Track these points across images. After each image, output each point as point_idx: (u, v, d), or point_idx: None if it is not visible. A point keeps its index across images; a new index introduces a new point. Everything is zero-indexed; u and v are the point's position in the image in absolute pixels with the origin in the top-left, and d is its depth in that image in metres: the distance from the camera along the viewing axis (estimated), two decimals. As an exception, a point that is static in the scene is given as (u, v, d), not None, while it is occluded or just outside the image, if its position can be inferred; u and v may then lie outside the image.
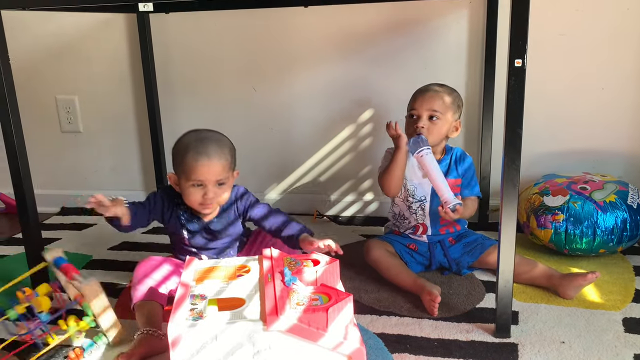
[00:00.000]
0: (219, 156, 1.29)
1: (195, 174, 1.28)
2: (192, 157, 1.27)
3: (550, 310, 1.33)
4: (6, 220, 2.18)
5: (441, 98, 1.47)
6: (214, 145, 1.29)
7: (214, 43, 1.99)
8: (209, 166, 1.27)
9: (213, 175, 1.28)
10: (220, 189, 1.31)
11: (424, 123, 1.46)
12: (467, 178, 1.53)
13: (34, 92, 2.11)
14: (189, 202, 1.33)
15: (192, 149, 1.28)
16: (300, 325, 0.91)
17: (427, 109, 1.47)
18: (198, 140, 1.30)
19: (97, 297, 1.21)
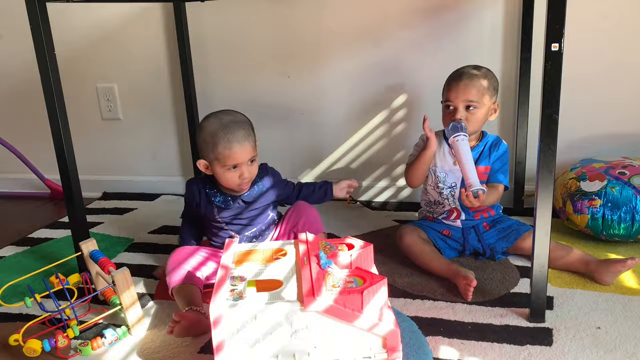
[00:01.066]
0: (247, 138, 1.36)
1: (230, 159, 1.34)
2: (224, 146, 1.34)
3: (586, 295, 1.32)
4: (52, 204, 2.27)
5: (476, 85, 1.44)
6: (240, 129, 1.36)
7: (249, 30, 2.01)
8: (242, 150, 1.35)
9: (246, 156, 1.36)
10: (252, 165, 1.39)
11: (462, 114, 1.45)
12: (496, 165, 1.51)
13: (75, 81, 2.18)
14: (226, 185, 1.40)
15: (221, 137, 1.34)
16: (336, 307, 0.94)
17: (463, 100, 1.44)
18: (223, 127, 1.35)
19: (127, 289, 1.25)
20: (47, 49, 1.34)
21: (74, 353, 1.19)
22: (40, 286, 1.46)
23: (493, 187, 1.49)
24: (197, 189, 1.46)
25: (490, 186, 1.49)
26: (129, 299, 1.25)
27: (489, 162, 1.51)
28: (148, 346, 1.21)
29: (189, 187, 1.48)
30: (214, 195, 1.44)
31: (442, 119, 1.51)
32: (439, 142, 1.54)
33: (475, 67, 1.50)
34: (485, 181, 1.50)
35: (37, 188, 2.36)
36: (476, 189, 1.35)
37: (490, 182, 1.51)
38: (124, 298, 1.24)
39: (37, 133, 2.25)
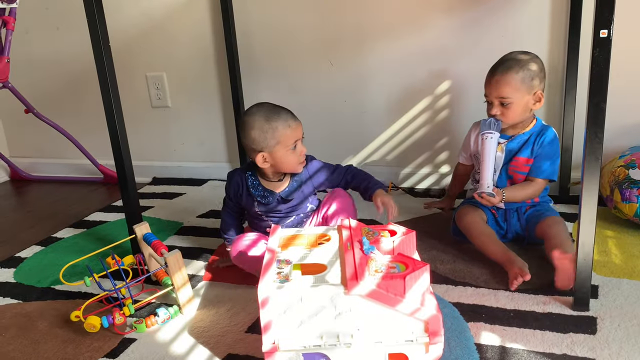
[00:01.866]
0: (294, 116, 1.41)
1: (293, 137, 1.38)
2: (284, 126, 1.37)
3: (633, 285, 1.30)
4: (105, 189, 2.37)
5: (509, 82, 1.41)
6: (286, 109, 1.40)
7: (293, 18, 2.04)
8: (298, 126, 1.39)
9: (301, 131, 1.41)
10: (302, 144, 1.43)
11: (497, 110, 1.44)
12: (540, 157, 1.47)
13: (126, 70, 2.26)
14: (289, 168, 1.42)
15: (278, 120, 1.37)
16: (378, 291, 0.96)
17: (496, 97, 1.43)
18: (275, 112, 1.38)
19: (179, 270, 1.31)
20: (102, 40, 1.40)
21: (129, 330, 1.27)
22: (98, 266, 1.54)
23: (530, 181, 1.47)
24: (240, 181, 1.48)
25: (528, 180, 1.48)
26: (180, 279, 1.31)
27: (532, 153, 1.47)
28: (198, 325, 1.27)
29: (231, 178, 1.50)
30: (256, 188, 1.46)
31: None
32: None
33: (513, 57, 1.45)
34: (526, 172, 1.48)
35: (91, 173, 2.48)
36: (482, 192, 1.41)
37: (530, 176, 1.48)
38: (175, 279, 1.30)
39: (91, 121, 2.36)
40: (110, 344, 1.22)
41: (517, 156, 1.48)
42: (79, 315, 1.28)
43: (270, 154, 1.38)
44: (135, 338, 1.24)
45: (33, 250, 1.76)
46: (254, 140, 1.37)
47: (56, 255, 1.71)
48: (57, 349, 1.22)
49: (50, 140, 2.48)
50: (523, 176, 1.49)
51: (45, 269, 1.61)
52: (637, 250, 1.46)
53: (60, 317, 1.35)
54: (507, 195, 1.44)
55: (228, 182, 1.51)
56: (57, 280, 1.52)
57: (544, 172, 1.46)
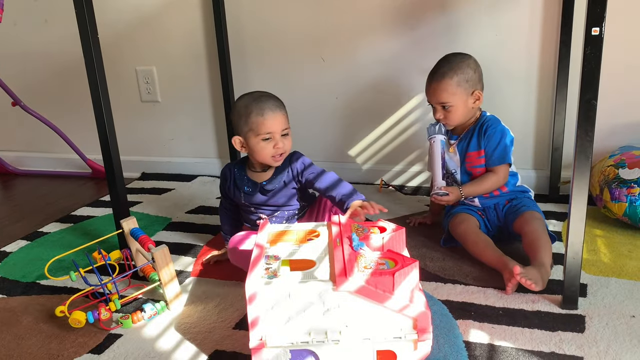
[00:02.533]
0: (279, 107, 1.39)
1: (264, 126, 1.36)
2: (257, 113, 1.36)
3: (621, 284, 1.30)
4: (93, 184, 2.35)
5: (445, 88, 1.45)
6: (272, 99, 1.39)
7: (284, 14, 2.02)
8: (274, 117, 1.37)
9: (279, 125, 1.38)
10: (286, 139, 1.40)
11: (440, 114, 1.49)
12: (489, 147, 1.49)
13: (116, 64, 2.24)
14: (260, 158, 1.41)
15: (254, 107, 1.37)
16: (367, 287, 0.95)
17: (436, 102, 1.49)
18: (256, 99, 1.38)
19: (166, 266, 1.29)
20: (91, 32, 1.37)
21: (115, 325, 1.25)
22: (84, 261, 1.52)
23: (489, 172, 1.50)
24: (227, 173, 1.50)
25: (487, 172, 1.51)
26: (167, 275, 1.30)
27: (479, 145, 1.50)
28: (185, 321, 1.26)
29: (222, 172, 1.53)
30: (241, 179, 1.47)
31: None
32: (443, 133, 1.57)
33: (447, 61, 1.48)
34: (483, 164, 1.51)
35: (79, 167, 2.45)
36: (435, 193, 1.47)
37: (488, 166, 1.50)
38: (162, 274, 1.28)
39: (80, 115, 2.33)
40: (95, 340, 1.21)
41: (469, 152, 1.52)
42: (64, 311, 1.27)
43: (245, 140, 1.40)
44: (121, 334, 1.23)
45: (19, 245, 1.74)
46: (232, 123, 1.43)
47: (42, 249, 1.69)
48: (41, 345, 1.21)
49: (38, 134, 2.45)
50: (482, 169, 1.51)
51: (30, 264, 1.59)
52: (626, 249, 1.47)
53: (45, 312, 1.33)
54: (465, 191, 1.49)
55: (220, 176, 1.53)
56: (43, 275, 1.50)
57: (496, 158, 1.49)
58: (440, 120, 1.50)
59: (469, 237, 1.45)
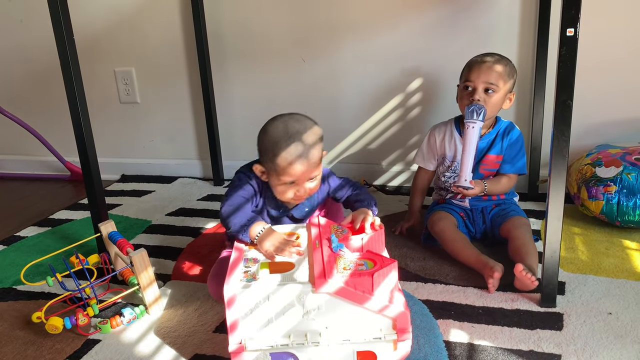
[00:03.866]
0: (312, 154, 1.20)
1: (287, 176, 1.21)
2: (283, 159, 1.19)
3: (598, 281, 1.32)
4: (71, 186, 2.32)
5: (498, 70, 1.45)
6: (307, 143, 1.20)
7: (264, 14, 2.02)
8: (303, 168, 1.20)
9: (306, 175, 1.22)
10: (312, 182, 1.25)
11: (480, 96, 1.44)
12: (512, 152, 1.50)
13: (94, 65, 2.21)
14: (278, 196, 1.28)
15: (283, 147, 1.19)
16: (346, 289, 0.95)
17: (483, 82, 1.44)
18: (289, 137, 1.19)
19: (145, 270, 1.28)
20: (66, 34, 1.36)
21: (93, 331, 1.23)
22: (62, 266, 1.50)
23: (504, 176, 1.50)
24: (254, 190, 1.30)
25: (501, 175, 1.50)
26: (146, 279, 1.28)
27: (501, 150, 1.51)
28: (165, 325, 1.25)
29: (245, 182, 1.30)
30: (270, 201, 1.32)
31: (459, 100, 1.51)
32: (449, 130, 1.56)
33: (496, 55, 1.49)
34: (497, 169, 1.51)
35: (57, 170, 2.41)
36: (460, 185, 1.40)
37: (504, 172, 1.51)
38: (141, 278, 1.27)
39: (58, 116, 2.30)
40: (73, 346, 1.19)
41: (488, 154, 1.51)
42: (40, 317, 1.24)
43: (267, 174, 1.26)
44: (99, 339, 1.21)
45: (-5, 250, 1.71)
46: (259, 149, 1.26)
47: (18, 254, 1.66)
48: (17, 352, 1.18)
49: (15, 136, 2.41)
50: (493, 173, 1.52)
51: (6, 269, 1.56)
52: (603, 247, 1.49)
53: (21, 319, 1.30)
54: (488, 187, 1.47)
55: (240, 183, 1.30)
56: (19, 281, 1.47)
57: (517, 167, 1.50)
58: (477, 102, 1.43)
59: (447, 235, 1.45)
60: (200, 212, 1.92)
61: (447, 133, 1.56)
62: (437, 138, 1.57)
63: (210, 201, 2.01)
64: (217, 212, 1.59)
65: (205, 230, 1.75)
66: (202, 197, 2.06)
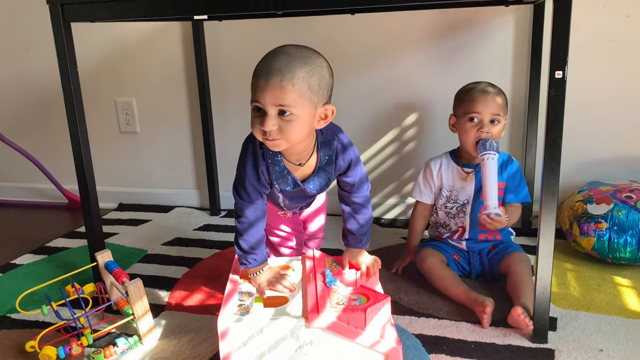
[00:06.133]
0: (283, 76, 1.01)
1: (252, 93, 1.05)
2: (255, 74, 1.05)
3: (590, 318, 1.33)
4: (69, 214, 2.33)
5: (499, 102, 1.48)
6: (285, 61, 1.03)
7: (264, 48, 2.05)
8: (267, 86, 1.01)
9: (269, 98, 1.01)
10: (284, 120, 1.03)
11: (489, 128, 1.46)
12: (514, 182, 1.52)
13: (95, 95, 2.25)
14: (254, 135, 1.10)
15: (260, 62, 1.06)
16: (339, 324, 0.97)
17: (490, 113, 1.46)
18: (273, 53, 1.06)
19: (140, 300, 1.29)
20: (70, 66, 1.39)
21: (87, 361, 1.24)
22: (57, 295, 1.50)
23: (513, 207, 1.52)
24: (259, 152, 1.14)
25: (511, 206, 1.52)
26: (141, 309, 1.29)
27: (502, 178, 1.52)
28: (159, 356, 1.25)
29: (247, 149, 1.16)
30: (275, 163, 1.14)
31: (462, 131, 1.51)
32: (446, 161, 1.58)
33: (490, 84, 1.52)
34: (500, 197, 1.51)
35: (55, 198, 2.43)
36: (489, 212, 1.38)
37: (509, 202, 1.52)
38: (136, 308, 1.28)
39: (57, 144, 2.33)
40: (65, 376, 1.19)
41: None
42: (34, 346, 1.25)
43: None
44: (92, 369, 1.21)
45: (-10, 277, 1.71)
46: None
47: (14, 282, 1.67)
48: (9, 381, 1.19)
49: (14, 164, 2.43)
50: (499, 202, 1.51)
51: (2, 296, 1.56)
52: (595, 283, 1.50)
53: (14, 348, 1.30)
54: (509, 218, 1.47)
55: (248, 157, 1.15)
56: (14, 309, 1.47)
57: (521, 196, 1.53)
58: (486, 136, 1.46)
59: (435, 273, 1.46)
60: (197, 242, 1.93)
61: (444, 163, 1.58)
62: (434, 169, 1.59)
63: (207, 231, 2.02)
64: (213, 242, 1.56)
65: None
66: (198, 227, 2.08)
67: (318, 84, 1.05)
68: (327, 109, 1.09)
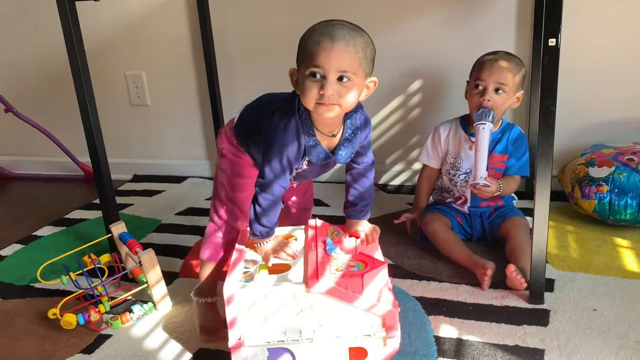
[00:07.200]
0: (347, 42, 1.04)
1: (313, 58, 1.05)
2: (314, 41, 1.06)
3: (587, 279, 1.37)
4: (85, 186, 2.40)
5: (509, 71, 1.47)
6: (346, 30, 1.06)
7: (269, 18, 2.07)
8: (331, 51, 1.03)
9: (337, 63, 1.03)
10: (343, 86, 1.05)
11: (491, 96, 1.47)
12: (516, 156, 1.54)
13: (106, 70, 2.29)
14: (305, 102, 1.08)
15: (317, 30, 1.08)
16: (337, 289, 1.02)
17: (494, 82, 1.46)
18: (328, 24, 1.09)
19: (153, 269, 1.35)
20: (76, 44, 1.43)
21: (105, 326, 1.32)
22: (75, 265, 1.58)
23: (510, 177, 1.54)
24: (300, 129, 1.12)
25: (509, 177, 1.54)
26: (154, 277, 1.36)
27: (506, 150, 1.54)
28: (172, 321, 1.32)
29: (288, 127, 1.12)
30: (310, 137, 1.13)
31: (468, 98, 1.53)
32: (455, 127, 1.59)
33: (508, 54, 1.52)
34: (502, 169, 1.54)
35: (72, 171, 2.50)
36: (477, 183, 1.42)
37: (510, 173, 1.54)
38: (149, 277, 1.35)
39: (71, 118, 2.36)
40: (86, 340, 1.27)
41: (493, 152, 1.54)
42: (56, 313, 1.33)
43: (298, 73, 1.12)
44: (110, 334, 1.29)
45: (14, 249, 1.80)
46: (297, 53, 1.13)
47: (36, 253, 1.75)
48: (34, 345, 1.27)
49: (32, 138, 2.50)
50: (499, 173, 1.54)
51: (25, 267, 1.65)
52: (595, 245, 1.53)
53: (38, 315, 1.39)
54: (503, 187, 1.49)
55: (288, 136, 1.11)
56: (36, 279, 1.56)
57: (522, 168, 1.54)
58: (487, 104, 1.47)
59: (439, 236, 1.51)
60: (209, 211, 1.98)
61: (452, 130, 1.60)
62: (442, 135, 1.60)
63: (218, 200, 2.08)
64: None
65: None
66: (210, 196, 2.13)
67: (370, 55, 1.11)
68: (371, 82, 1.14)
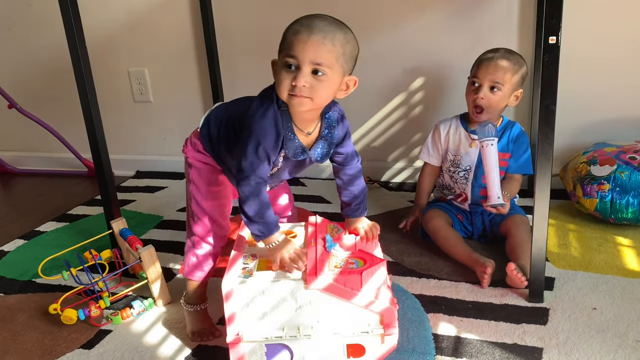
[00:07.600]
0: (325, 34, 1.02)
1: (290, 48, 1.03)
2: (293, 30, 1.05)
3: (587, 277, 1.37)
4: (88, 182, 2.41)
5: (505, 69, 1.46)
6: (326, 23, 1.04)
7: (271, 16, 2.07)
8: (307, 42, 1.01)
9: (309, 54, 1.01)
10: (316, 79, 1.03)
11: (484, 94, 1.47)
12: (518, 153, 1.54)
13: (109, 66, 2.29)
14: (279, 91, 1.07)
15: (298, 21, 1.07)
16: (336, 285, 1.02)
17: (489, 80, 1.47)
18: (310, 16, 1.07)
19: (153, 265, 1.36)
20: (78, 41, 1.44)
21: (105, 322, 1.32)
22: (77, 261, 1.59)
23: (514, 179, 1.54)
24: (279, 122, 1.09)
25: (510, 177, 1.54)
26: (154, 273, 1.36)
27: (507, 148, 1.54)
28: (171, 317, 1.33)
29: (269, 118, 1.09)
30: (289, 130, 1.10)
31: (466, 93, 1.54)
32: (455, 124, 1.59)
33: (508, 51, 1.51)
34: (504, 167, 1.53)
35: (75, 167, 2.51)
36: (495, 205, 1.41)
37: (512, 172, 1.55)
38: (149, 273, 1.35)
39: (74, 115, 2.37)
40: (86, 335, 1.28)
41: None
42: (57, 308, 1.34)
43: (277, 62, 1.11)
44: (110, 330, 1.30)
45: (16, 244, 1.80)
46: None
47: (38, 249, 1.76)
48: (35, 340, 1.28)
49: (35, 134, 2.51)
50: (501, 171, 1.52)
51: (27, 263, 1.66)
52: (596, 243, 1.53)
53: (39, 310, 1.40)
54: (508, 193, 1.49)
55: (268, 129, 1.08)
56: (37, 274, 1.56)
57: (525, 167, 1.55)
58: (480, 101, 1.47)
59: (440, 233, 1.51)
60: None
61: (453, 127, 1.60)
62: (442, 132, 1.60)
63: (220, 197, 2.08)
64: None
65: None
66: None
67: (350, 53, 1.08)
68: (350, 80, 1.12)
